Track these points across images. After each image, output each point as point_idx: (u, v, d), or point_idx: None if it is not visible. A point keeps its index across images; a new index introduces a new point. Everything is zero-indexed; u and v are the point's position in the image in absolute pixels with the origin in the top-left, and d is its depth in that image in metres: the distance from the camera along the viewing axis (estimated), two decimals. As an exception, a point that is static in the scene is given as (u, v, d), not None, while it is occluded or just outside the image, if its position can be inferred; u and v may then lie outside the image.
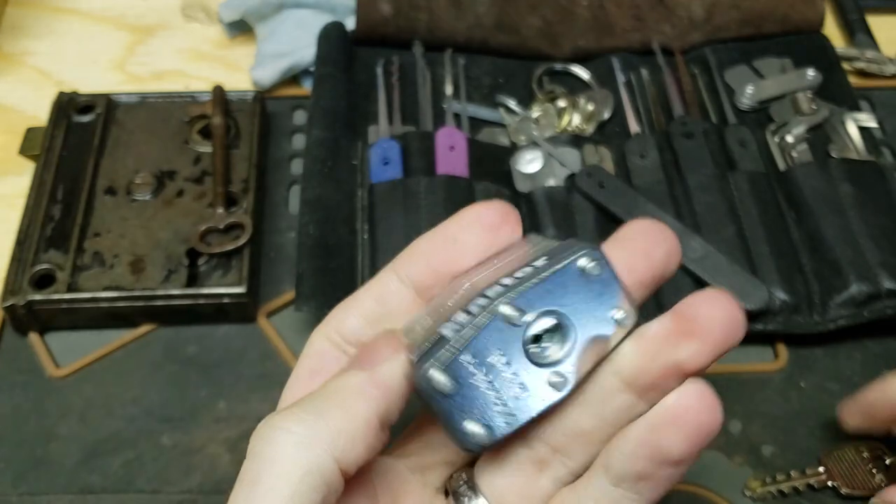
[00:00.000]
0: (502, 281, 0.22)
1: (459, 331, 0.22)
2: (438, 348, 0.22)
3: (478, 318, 0.21)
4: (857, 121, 0.52)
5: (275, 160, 0.53)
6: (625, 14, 0.57)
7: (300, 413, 0.22)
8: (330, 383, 0.23)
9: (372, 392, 0.22)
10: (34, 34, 0.61)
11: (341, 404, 0.22)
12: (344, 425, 0.22)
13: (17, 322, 0.44)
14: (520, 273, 0.22)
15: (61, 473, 0.40)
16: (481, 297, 0.22)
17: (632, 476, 0.22)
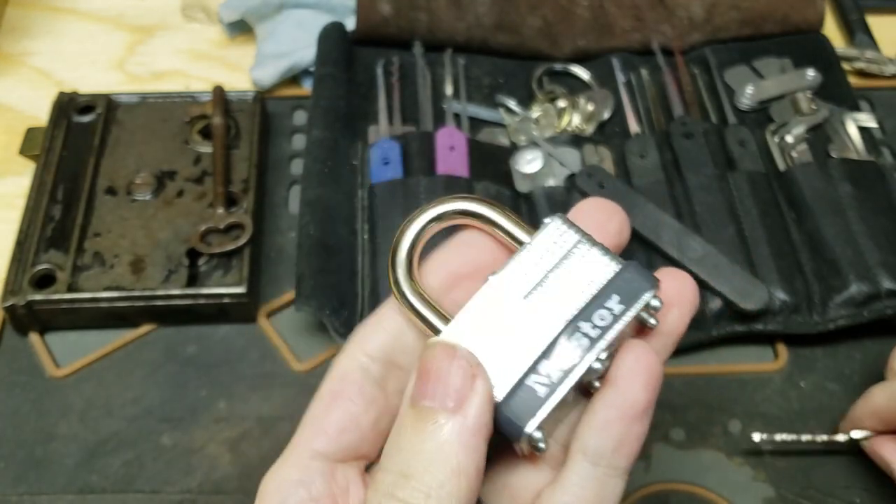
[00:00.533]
0: (582, 327, 0.23)
1: (551, 387, 0.23)
2: (532, 405, 0.23)
3: (569, 375, 0.23)
4: (857, 121, 0.52)
5: (275, 160, 0.53)
6: (625, 14, 0.57)
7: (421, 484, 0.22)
8: (424, 439, 0.23)
9: (472, 441, 0.23)
10: (34, 34, 0.61)
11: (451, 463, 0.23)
12: (464, 483, 0.22)
13: (17, 322, 0.44)
14: (598, 319, 0.24)
15: (61, 473, 0.40)
16: (566, 348, 0.23)
17: (609, 447, 0.24)
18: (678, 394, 0.43)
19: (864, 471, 0.41)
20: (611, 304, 0.24)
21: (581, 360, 0.23)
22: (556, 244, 0.25)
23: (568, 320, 0.24)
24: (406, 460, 0.23)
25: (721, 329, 0.44)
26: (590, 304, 0.24)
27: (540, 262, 0.24)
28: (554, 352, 0.23)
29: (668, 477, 0.40)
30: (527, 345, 0.24)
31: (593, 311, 0.24)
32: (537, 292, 0.24)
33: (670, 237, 0.45)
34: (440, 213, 0.26)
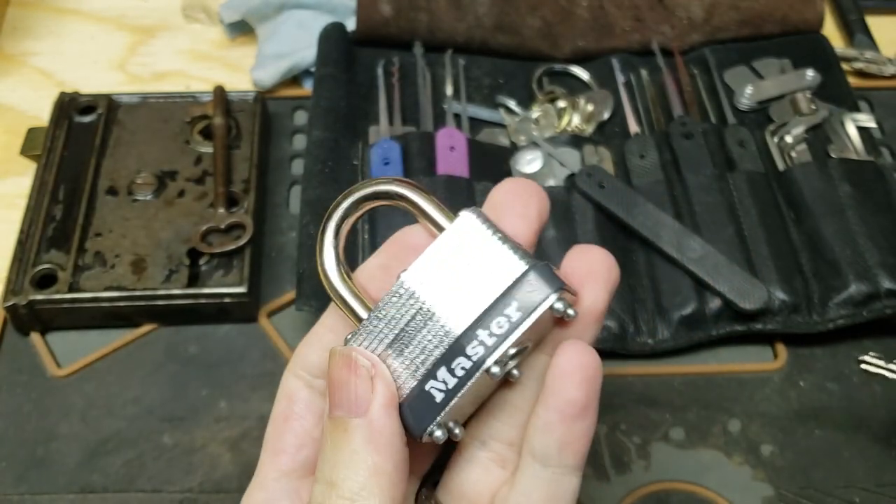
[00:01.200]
0: (479, 335, 0.23)
1: (448, 394, 0.24)
2: (430, 409, 0.24)
3: (464, 381, 0.24)
4: (857, 121, 0.52)
5: (275, 160, 0.53)
6: (624, 15, 0.57)
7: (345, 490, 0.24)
8: (338, 445, 0.24)
9: (381, 441, 0.24)
10: (36, 35, 0.61)
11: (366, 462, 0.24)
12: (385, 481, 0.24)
13: (18, 322, 0.44)
14: (496, 327, 0.23)
15: (63, 473, 0.40)
16: (463, 357, 0.23)
17: (555, 446, 0.25)
18: (678, 393, 0.43)
19: (863, 470, 0.41)
20: (509, 312, 0.23)
21: (474, 368, 0.23)
22: (466, 241, 0.24)
23: (468, 327, 0.24)
24: (330, 469, 0.24)
25: (720, 329, 0.44)
26: (490, 310, 0.24)
27: (448, 260, 0.24)
28: (453, 359, 0.24)
29: (667, 476, 0.40)
30: (429, 348, 0.24)
31: (492, 319, 0.23)
32: (444, 293, 0.24)
33: (670, 237, 0.45)
34: (360, 196, 0.26)
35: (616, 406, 0.43)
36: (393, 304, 0.24)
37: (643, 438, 0.42)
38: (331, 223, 0.26)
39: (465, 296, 0.24)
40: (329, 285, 0.26)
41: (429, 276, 0.24)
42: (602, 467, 0.41)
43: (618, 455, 0.41)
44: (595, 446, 0.41)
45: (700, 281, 0.44)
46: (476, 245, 0.24)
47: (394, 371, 0.24)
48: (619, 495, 0.40)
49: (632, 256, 0.46)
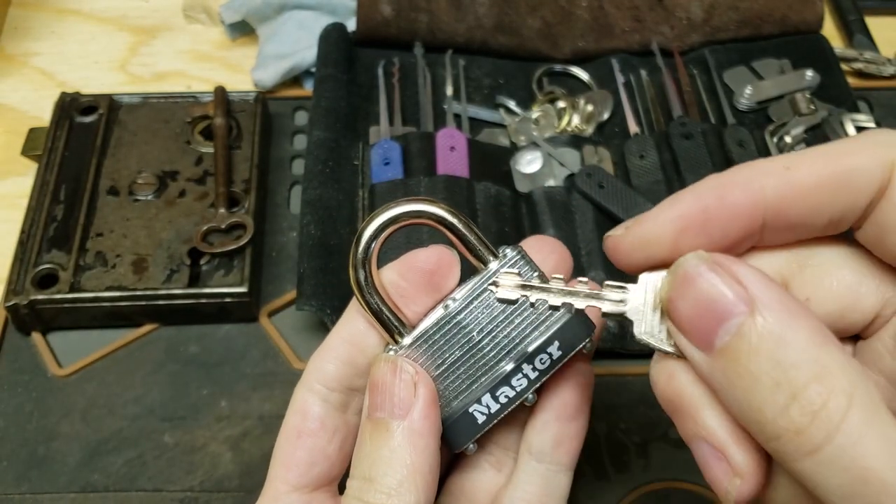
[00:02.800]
0: (524, 369, 0.27)
1: (489, 416, 0.27)
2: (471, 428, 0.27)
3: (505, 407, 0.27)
4: (856, 121, 0.52)
5: (276, 160, 0.53)
6: (624, 15, 0.57)
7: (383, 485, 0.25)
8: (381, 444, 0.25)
9: (420, 443, 0.25)
10: (37, 35, 0.61)
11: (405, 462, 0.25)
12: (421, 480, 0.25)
13: (19, 322, 0.44)
14: (538, 362, 0.27)
15: (63, 472, 0.40)
16: (507, 387, 0.27)
17: (549, 444, 0.27)
18: (677, 393, 0.43)
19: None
20: (551, 350, 0.27)
21: (517, 397, 0.27)
22: (511, 279, 0.26)
23: (515, 362, 0.27)
24: (368, 466, 0.25)
25: (720, 328, 0.44)
26: (537, 348, 0.27)
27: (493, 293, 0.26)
28: (498, 388, 0.27)
29: (667, 475, 0.41)
30: (475, 377, 0.27)
31: (536, 356, 0.27)
32: (491, 328, 0.27)
33: (669, 237, 0.46)
34: (397, 215, 0.27)
35: (616, 405, 0.43)
36: (440, 331, 0.27)
37: (643, 438, 0.42)
38: (365, 235, 0.27)
39: (511, 331, 0.27)
40: (363, 300, 0.27)
41: (477, 308, 0.27)
42: (602, 466, 0.41)
43: (617, 454, 0.41)
44: (595, 445, 0.41)
45: (699, 281, 0.44)
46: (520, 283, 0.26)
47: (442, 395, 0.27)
48: (618, 494, 0.40)
49: (631, 256, 0.47)
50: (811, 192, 0.22)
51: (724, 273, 0.20)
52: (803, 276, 0.23)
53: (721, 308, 0.20)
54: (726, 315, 0.20)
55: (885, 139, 0.22)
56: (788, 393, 0.19)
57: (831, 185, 0.21)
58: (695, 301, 0.21)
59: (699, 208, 0.22)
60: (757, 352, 0.19)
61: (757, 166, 0.22)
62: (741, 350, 0.20)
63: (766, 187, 0.22)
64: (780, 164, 0.22)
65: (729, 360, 0.20)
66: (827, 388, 0.18)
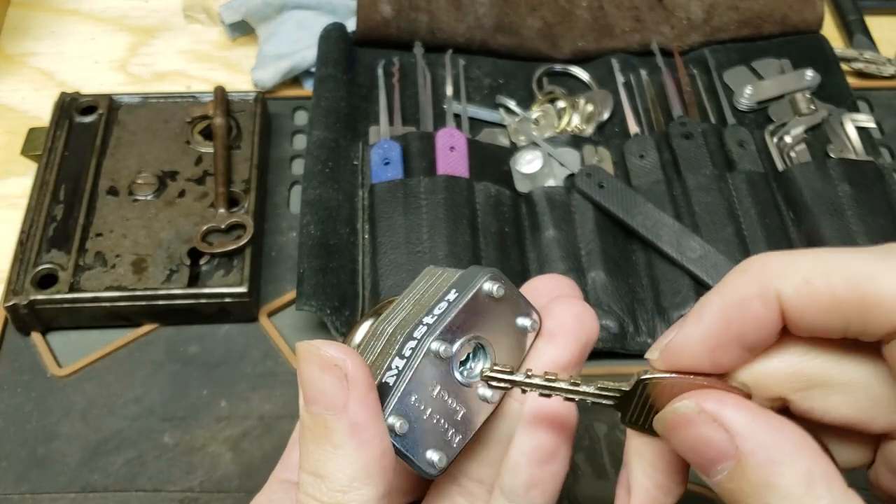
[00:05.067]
0: (424, 320, 0.25)
1: (399, 375, 0.24)
2: (386, 397, 0.24)
3: (412, 360, 0.24)
4: (856, 121, 0.52)
5: (276, 160, 0.53)
6: (624, 15, 0.57)
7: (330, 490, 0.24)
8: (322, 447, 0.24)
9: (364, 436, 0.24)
10: (36, 35, 0.61)
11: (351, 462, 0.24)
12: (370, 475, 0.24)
13: (19, 322, 0.44)
14: (437, 310, 0.25)
15: (63, 472, 0.40)
16: (411, 340, 0.25)
17: (522, 486, 0.25)
18: (677, 393, 0.43)
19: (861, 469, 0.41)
20: (449, 297, 0.25)
21: (421, 347, 0.24)
22: (423, 280, 0.27)
23: (416, 320, 0.25)
24: (315, 462, 0.24)
25: (720, 328, 0.44)
26: (433, 303, 0.26)
27: (408, 297, 0.27)
28: (404, 346, 0.25)
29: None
30: (386, 351, 0.25)
31: (434, 307, 0.25)
32: (407, 313, 0.26)
33: (669, 237, 0.46)
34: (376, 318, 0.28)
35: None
36: (366, 345, 0.26)
37: (643, 438, 0.42)
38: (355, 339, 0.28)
39: (417, 307, 0.26)
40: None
41: (392, 312, 0.27)
42: (601, 466, 0.41)
43: (617, 454, 0.41)
44: (595, 445, 0.41)
45: (699, 280, 0.44)
46: (431, 280, 0.27)
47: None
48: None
49: (631, 256, 0.47)
50: (828, 312, 0.22)
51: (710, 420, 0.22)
52: (817, 391, 0.23)
53: (712, 453, 0.22)
54: (715, 461, 0.22)
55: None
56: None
57: (850, 309, 0.22)
58: (685, 445, 0.23)
59: (724, 325, 0.23)
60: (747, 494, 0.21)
61: (776, 270, 0.22)
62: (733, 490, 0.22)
63: (783, 296, 0.22)
64: (800, 276, 0.22)
65: (724, 493, 0.22)
66: None
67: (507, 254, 0.46)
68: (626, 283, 0.45)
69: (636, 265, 0.46)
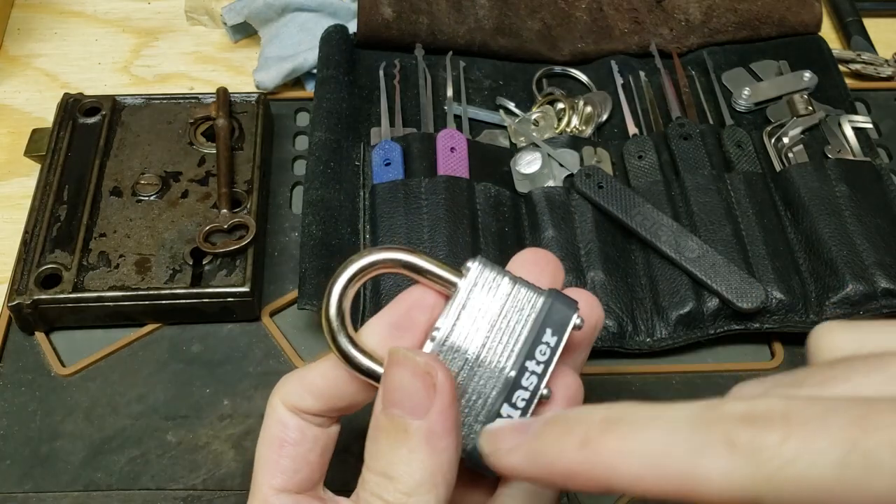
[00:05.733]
0: (528, 366, 0.26)
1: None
2: None
3: (526, 412, 0.26)
4: (853, 122, 0.53)
5: (278, 161, 0.53)
6: (623, 17, 0.57)
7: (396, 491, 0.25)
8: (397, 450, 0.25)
9: (440, 445, 0.25)
10: (40, 37, 0.61)
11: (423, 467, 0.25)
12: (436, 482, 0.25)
13: (23, 321, 0.44)
14: (539, 354, 0.26)
15: (67, 471, 0.40)
16: (520, 390, 0.26)
17: None
18: (676, 392, 0.44)
19: None
20: (547, 339, 0.27)
21: (532, 396, 0.26)
22: (483, 288, 0.27)
23: (521, 363, 0.26)
24: (386, 463, 0.25)
25: (718, 328, 0.44)
26: (533, 343, 0.26)
27: (474, 309, 0.27)
28: (512, 394, 0.26)
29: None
30: (486, 392, 0.26)
31: (535, 349, 0.26)
32: (482, 339, 0.27)
33: (668, 237, 0.46)
34: (361, 267, 0.28)
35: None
36: (440, 346, 0.27)
37: (642, 436, 0.42)
38: (333, 294, 0.28)
39: (502, 336, 0.27)
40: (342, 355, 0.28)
41: (463, 327, 0.27)
42: (601, 465, 0.41)
43: (617, 452, 0.41)
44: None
45: (698, 280, 0.45)
46: (492, 289, 0.27)
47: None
48: (617, 493, 0.40)
49: (630, 256, 0.47)
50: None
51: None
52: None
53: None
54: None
55: None
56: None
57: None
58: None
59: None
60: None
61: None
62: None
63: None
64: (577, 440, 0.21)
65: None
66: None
67: (508, 254, 0.46)
68: (624, 283, 0.45)
69: (635, 265, 0.47)
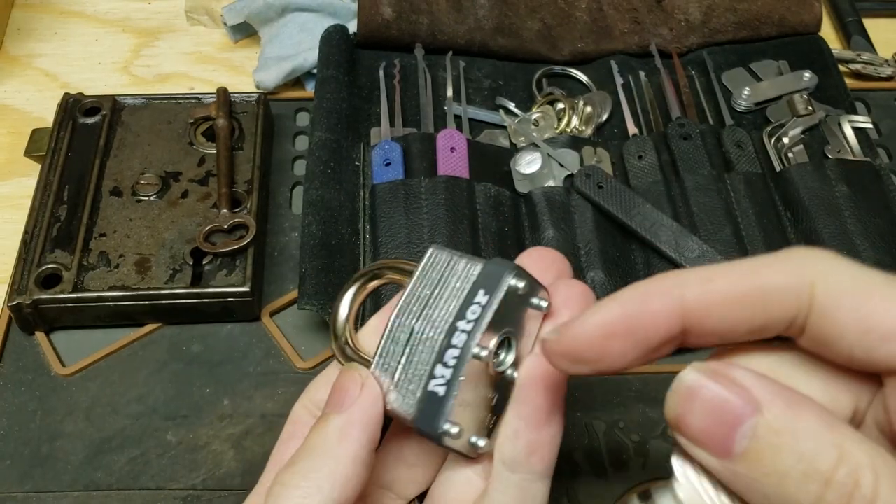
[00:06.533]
0: (459, 325, 0.26)
1: (448, 385, 0.26)
2: (437, 405, 0.26)
3: (458, 368, 0.26)
4: (853, 122, 0.53)
5: (278, 161, 0.53)
6: (623, 17, 0.57)
7: (301, 469, 0.25)
8: (314, 434, 0.26)
9: (353, 433, 0.26)
10: (40, 37, 0.61)
11: (330, 452, 0.25)
12: (338, 469, 0.25)
13: (23, 321, 0.44)
14: (470, 314, 0.26)
15: (67, 471, 0.40)
16: (451, 348, 0.26)
17: (522, 454, 0.26)
18: (676, 392, 0.44)
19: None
20: (478, 299, 0.26)
21: (463, 353, 0.26)
22: (436, 269, 0.28)
23: (449, 324, 0.26)
24: (296, 453, 0.26)
25: (718, 328, 0.44)
26: (463, 304, 0.27)
27: (425, 289, 0.28)
28: (444, 354, 0.26)
29: (665, 473, 0.41)
30: (425, 360, 0.27)
31: (466, 309, 0.26)
32: (427, 313, 0.27)
33: (668, 237, 0.46)
34: (361, 283, 0.30)
35: (615, 404, 0.43)
36: (390, 340, 0.27)
37: (641, 436, 0.42)
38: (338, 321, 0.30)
39: (440, 305, 0.27)
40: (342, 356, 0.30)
41: (412, 305, 0.27)
42: (600, 465, 0.41)
43: (616, 453, 0.41)
44: (594, 444, 0.42)
45: (698, 280, 0.44)
46: (443, 269, 0.28)
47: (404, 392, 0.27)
48: (617, 492, 0.40)
49: (630, 256, 0.47)
50: (727, 306, 0.22)
51: (725, 380, 0.21)
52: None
53: (732, 414, 0.20)
54: (738, 420, 0.20)
55: (803, 258, 0.22)
56: (820, 481, 0.19)
57: (748, 301, 0.22)
58: (704, 412, 0.21)
59: (622, 315, 0.23)
60: (779, 449, 0.20)
61: (679, 276, 0.23)
62: (762, 451, 0.20)
63: (685, 297, 0.23)
64: (702, 276, 0.23)
65: (752, 462, 0.20)
66: (853, 467, 0.19)
67: (508, 253, 0.46)
68: (624, 283, 0.45)
69: (635, 265, 0.47)
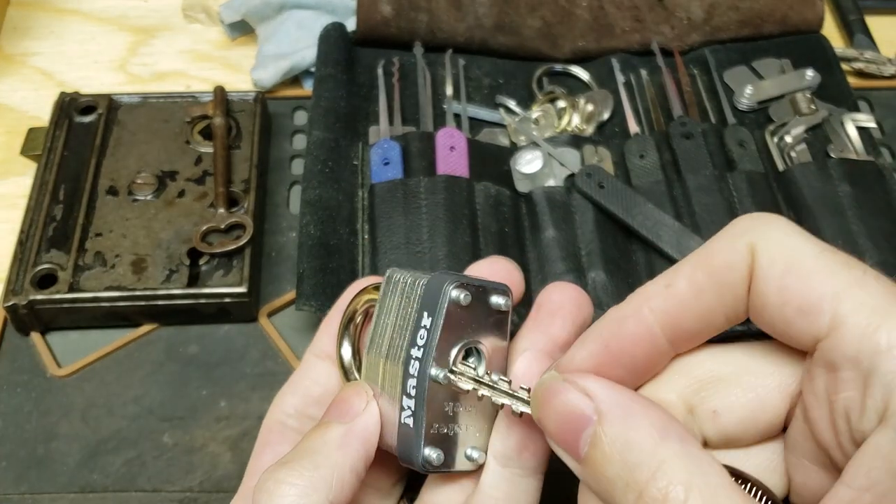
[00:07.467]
0: (413, 353, 0.26)
1: (415, 415, 0.26)
2: (411, 437, 0.26)
3: (419, 397, 0.26)
4: (856, 121, 0.52)
5: (276, 160, 0.53)
6: (624, 15, 0.57)
7: (297, 467, 0.25)
8: (312, 438, 0.26)
9: (353, 444, 0.26)
10: (36, 35, 0.61)
11: (330, 456, 0.26)
12: (335, 473, 0.25)
13: (18, 322, 0.44)
14: (419, 339, 0.26)
15: (63, 472, 0.40)
16: (410, 378, 0.26)
17: (513, 448, 0.26)
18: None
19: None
20: (424, 322, 0.26)
21: (421, 380, 0.26)
22: (393, 293, 0.28)
23: (406, 353, 0.26)
24: (291, 454, 0.26)
25: (720, 328, 0.44)
26: (413, 330, 0.27)
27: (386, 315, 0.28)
28: (406, 384, 0.26)
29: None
30: (394, 392, 0.27)
31: (416, 334, 0.26)
32: (389, 344, 0.27)
33: (669, 237, 0.45)
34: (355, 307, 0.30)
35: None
36: (369, 378, 0.28)
37: (643, 438, 0.42)
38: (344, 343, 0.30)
39: (400, 335, 0.27)
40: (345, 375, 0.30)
41: (377, 338, 0.28)
42: (602, 467, 0.41)
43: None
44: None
45: (700, 281, 0.44)
46: (399, 292, 0.28)
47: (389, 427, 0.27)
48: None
49: (631, 256, 0.47)
50: (694, 301, 0.23)
51: (574, 387, 0.23)
52: (713, 389, 0.25)
53: (576, 419, 0.22)
54: (582, 425, 0.22)
55: (743, 226, 0.23)
56: (636, 492, 0.20)
57: (710, 289, 0.23)
58: (556, 415, 0.23)
59: (601, 347, 0.24)
60: (609, 457, 0.21)
61: (645, 290, 0.24)
62: (597, 457, 0.22)
63: (653, 310, 0.24)
64: (661, 284, 0.24)
65: (591, 466, 0.22)
66: (664, 482, 0.20)
67: (507, 254, 0.46)
68: (626, 283, 0.45)
69: (636, 265, 0.46)
